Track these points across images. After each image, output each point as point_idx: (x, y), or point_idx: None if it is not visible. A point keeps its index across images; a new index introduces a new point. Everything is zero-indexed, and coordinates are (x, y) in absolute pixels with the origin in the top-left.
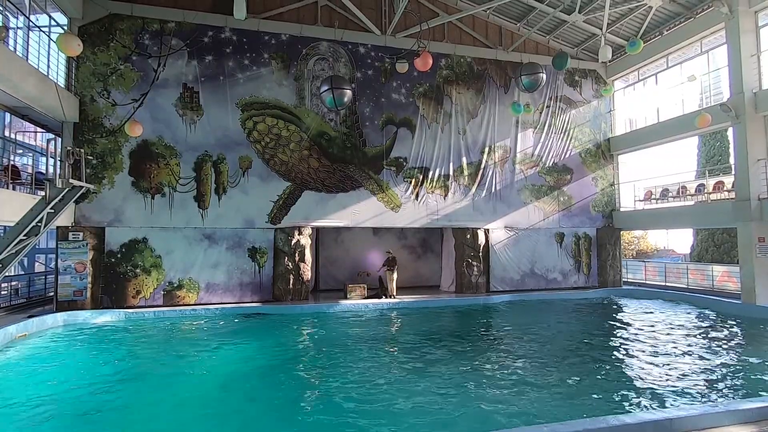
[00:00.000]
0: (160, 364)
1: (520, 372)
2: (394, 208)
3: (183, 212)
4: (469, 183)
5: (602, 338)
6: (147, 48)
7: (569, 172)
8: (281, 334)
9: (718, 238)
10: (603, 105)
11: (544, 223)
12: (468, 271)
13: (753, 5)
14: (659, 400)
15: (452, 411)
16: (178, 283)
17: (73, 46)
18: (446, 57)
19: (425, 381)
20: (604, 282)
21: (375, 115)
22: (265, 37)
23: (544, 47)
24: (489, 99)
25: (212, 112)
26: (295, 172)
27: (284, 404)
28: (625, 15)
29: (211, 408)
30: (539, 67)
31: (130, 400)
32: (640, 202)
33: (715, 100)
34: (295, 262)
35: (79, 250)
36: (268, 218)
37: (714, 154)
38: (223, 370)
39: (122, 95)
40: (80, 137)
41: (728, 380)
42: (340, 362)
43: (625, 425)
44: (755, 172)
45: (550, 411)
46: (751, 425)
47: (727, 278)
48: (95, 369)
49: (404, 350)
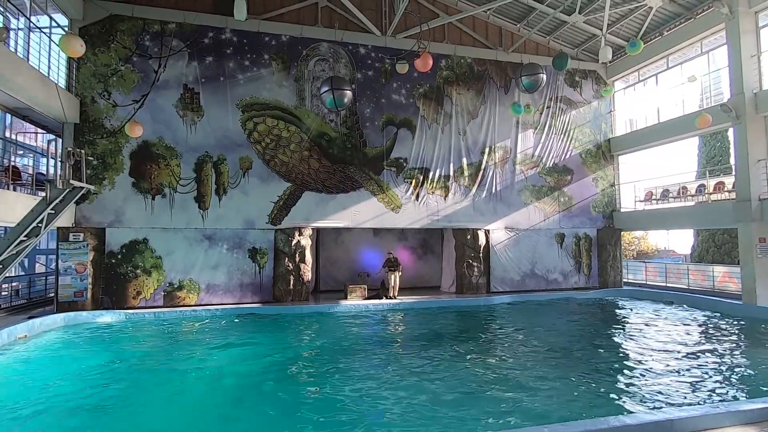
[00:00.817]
0: (160, 365)
1: (520, 372)
2: (394, 208)
3: (183, 213)
4: (470, 184)
5: (602, 339)
6: (147, 49)
7: (569, 173)
8: (281, 334)
9: (719, 238)
10: (603, 105)
11: (545, 224)
12: (468, 272)
13: (753, 6)
14: (660, 400)
15: (452, 411)
16: (178, 284)
17: (76, 47)
18: (446, 58)
19: (425, 381)
20: (605, 283)
21: (375, 115)
22: (266, 38)
23: (545, 48)
24: (489, 100)
25: (213, 113)
26: (295, 173)
27: (284, 404)
28: (625, 16)
29: (211, 408)
30: (539, 67)
31: (130, 400)
32: (640, 203)
33: (716, 101)
34: (295, 263)
35: (79, 251)
36: (269, 219)
37: (714, 154)
38: (222, 370)
39: (123, 96)
40: (81, 138)
41: (729, 381)
42: (340, 362)
43: (625, 426)
44: (756, 172)
45: (551, 411)
46: (752, 426)
47: (728, 279)
48: (95, 370)
49: (404, 350)
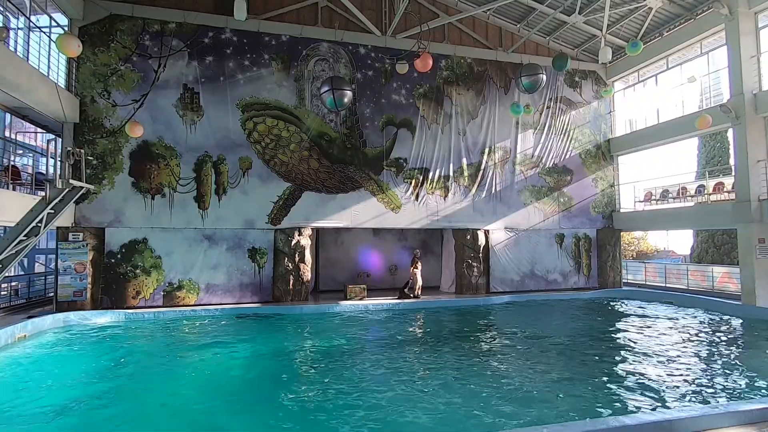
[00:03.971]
0: (158, 365)
1: (519, 372)
2: (394, 209)
3: (183, 213)
4: (469, 184)
5: (602, 339)
6: (147, 49)
7: (569, 173)
8: (281, 334)
9: (719, 239)
10: (603, 106)
11: (544, 224)
12: (468, 272)
13: (753, 6)
14: (659, 401)
15: (452, 411)
16: (178, 284)
17: (73, 46)
18: (446, 58)
19: (424, 380)
20: (604, 283)
21: (375, 116)
22: (266, 38)
23: (544, 48)
24: (489, 100)
25: (212, 113)
26: (295, 173)
27: (284, 403)
28: (625, 16)
29: (209, 408)
30: (539, 68)
31: (128, 399)
32: (640, 203)
33: (715, 102)
34: (295, 263)
35: (79, 251)
36: (268, 219)
37: (714, 155)
38: (221, 369)
39: (122, 96)
40: (80, 138)
41: (728, 381)
42: (339, 362)
43: (625, 426)
44: (755, 173)
45: (550, 411)
46: (751, 426)
47: (728, 279)
48: (94, 370)
49: (404, 350)
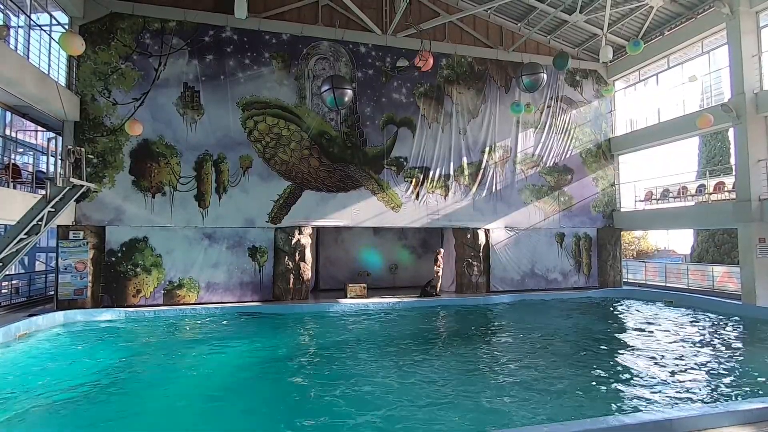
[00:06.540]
0: (159, 363)
1: (519, 372)
2: (394, 207)
3: (183, 211)
4: (470, 183)
5: (602, 339)
6: (148, 47)
7: (570, 173)
8: (281, 333)
9: (719, 238)
10: (604, 105)
11: (545, 224)
12: (468, 271)
13: (754, 6)
14: (659, 400)
15: (451, 411)
16: (178, 283)
17: (77, 44)
18: (447, 57)
19: (423, 381)
20: (605, 282)
21: (375, 114)
22: (266, 36)
23: (545, 47)
24: (490, 99)
25: (213, 112)
26: (295, 172)
27: (283, 404)
28: (626, 15)
29: (209, 408)
30: (540, 67)
31: (128, 398)
32: (640, 203)
33: (716, 101)
34: (295, 262)
35: (79, 249)
36: (269, 218)
37: (715, 154)
38: (221, 370)
39: (123, 94)
40: (81, 136)
41: (728, 381)
42: (339, 362)
43: (624, 425)
44: (756, 172)
45: (550, 411)
46: (751, 426)
47: (728, 279)
48: (95, 368)
49: (403, 350)
